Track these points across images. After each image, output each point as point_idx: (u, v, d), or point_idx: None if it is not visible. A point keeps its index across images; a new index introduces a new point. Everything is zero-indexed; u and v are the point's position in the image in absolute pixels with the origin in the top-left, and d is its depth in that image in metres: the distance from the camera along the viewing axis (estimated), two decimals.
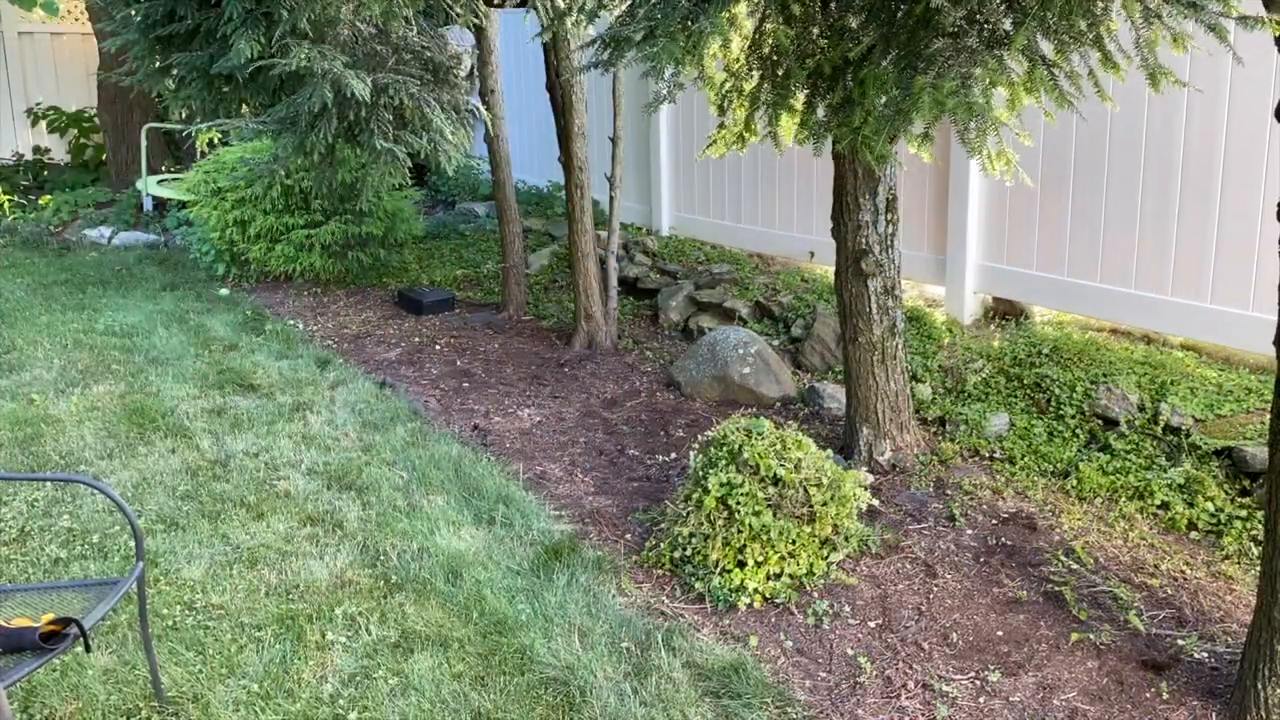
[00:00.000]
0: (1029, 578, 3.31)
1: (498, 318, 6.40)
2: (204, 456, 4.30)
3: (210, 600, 3.22)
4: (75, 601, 2.51)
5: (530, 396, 5.10)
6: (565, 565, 3.39)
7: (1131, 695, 2.73)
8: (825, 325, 5.21)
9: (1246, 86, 3.95)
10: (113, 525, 3.71)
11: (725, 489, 3.23)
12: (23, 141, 11.68)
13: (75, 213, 9.66)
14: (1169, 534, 3.54)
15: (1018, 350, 4.59)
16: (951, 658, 2.92)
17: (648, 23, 2.58)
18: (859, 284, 3.98)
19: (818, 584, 3.27)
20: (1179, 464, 3.75)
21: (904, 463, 4.09)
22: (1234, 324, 4.11)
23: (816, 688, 2.81)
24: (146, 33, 5.67)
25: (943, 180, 5.14)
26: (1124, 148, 4.40)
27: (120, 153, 9.99)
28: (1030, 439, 4.14)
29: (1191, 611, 3.09)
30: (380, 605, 3.17)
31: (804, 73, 2.86)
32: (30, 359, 5.58)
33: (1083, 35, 2.30)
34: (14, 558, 3.48)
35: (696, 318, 5.94)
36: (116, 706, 2.69)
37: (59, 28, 11.67)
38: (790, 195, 6.16)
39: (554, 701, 2.72)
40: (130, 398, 4.99)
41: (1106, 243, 4.53)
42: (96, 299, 6.88)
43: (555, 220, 8.02)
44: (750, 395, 4.94)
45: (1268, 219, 3.96)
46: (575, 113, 5.62)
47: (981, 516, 3.71)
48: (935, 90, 2.32)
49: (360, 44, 5.50)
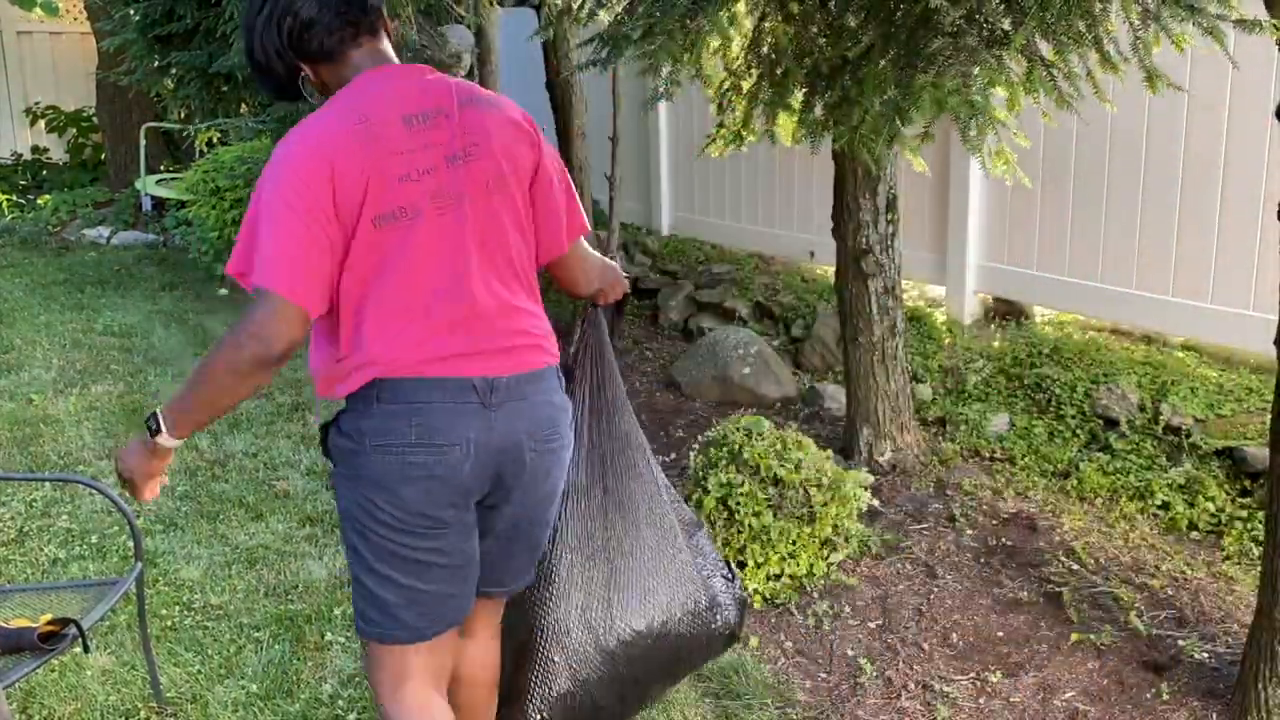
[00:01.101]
0: (1029, 578, 3.30)
1: None
2: (203, 456, 4.30)
3: (209, 600, 3.21)
4: (74, 602, 2.50)
5: None
6: None
7: (1132, 696, 2.73)
8: (825, 325, 5.21)
9: (1247, 86, 3.95)
10: (111, 526, 3.71)
11: (725, 489, 3.23)
12: (21, 141, 11.67)
13: (74, 212, 9.65)
14: (1169, 534, 3.54)
15: (1018, 350, 4.59)
16: (952, 658, 2.92)
17: (646, 20, 2.58)
18: (859, 284, 3.97)
19: (818, 584, 3.26)
20: (1179, 464, 3.74)
21: (904, 463, 4.08)
22: (1235, 324, 4.10)
23: (817, 688, 2.81)
24: (145, 32, 5.67)
25: (943, 180, 5.13)
26: (1125, 147, 4.39)
27: (119, 152, 9.98)
28: (1031, 439, 4.13)
29: (1192, 612, 3.09)
30: None
31: (802, 71, 2.85)
32: (29, 359, 5.58)
33: (1081, 36, 2.29)
34: (13, 558, 3.47)
35: (696, 318, 5.94)
36: (115, 707, 2.69)
37: (58, 27, 11.66)
38: (790, 195, 6.15)
39: None
40: (129, 398, 4.99)
41: (1107, 242, 4.52)
42: (95, 299, 6.88)
43: None
44: (750, 395, 4.93)
45: (1268, 219, 3.95)
46: (574, 112, 5.62)
47: (982, 517, 3.70)
48: (935, 89, 2.32)
49: None
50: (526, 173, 1.82)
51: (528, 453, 1.82)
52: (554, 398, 1.88)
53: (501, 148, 1.79)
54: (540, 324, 1.86)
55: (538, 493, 1.90)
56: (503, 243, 1.79)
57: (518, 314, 1.81)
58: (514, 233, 1.81)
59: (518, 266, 1.82)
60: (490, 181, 1.77)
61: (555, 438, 1.88)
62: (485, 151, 1.77)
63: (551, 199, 1.88)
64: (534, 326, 1.84)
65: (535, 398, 1.83)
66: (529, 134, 1.85)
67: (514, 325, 1.80)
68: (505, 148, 1.80)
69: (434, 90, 1.78)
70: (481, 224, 1.76)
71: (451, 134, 1.75)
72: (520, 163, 1.81)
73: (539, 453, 1.85)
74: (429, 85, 1.79)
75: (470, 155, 1.76)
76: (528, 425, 1.81)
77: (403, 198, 1.70)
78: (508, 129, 1.81)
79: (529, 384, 1.82)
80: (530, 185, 1.84)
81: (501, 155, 1.79)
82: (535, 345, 1.84)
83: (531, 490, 1.88)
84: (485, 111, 1.80)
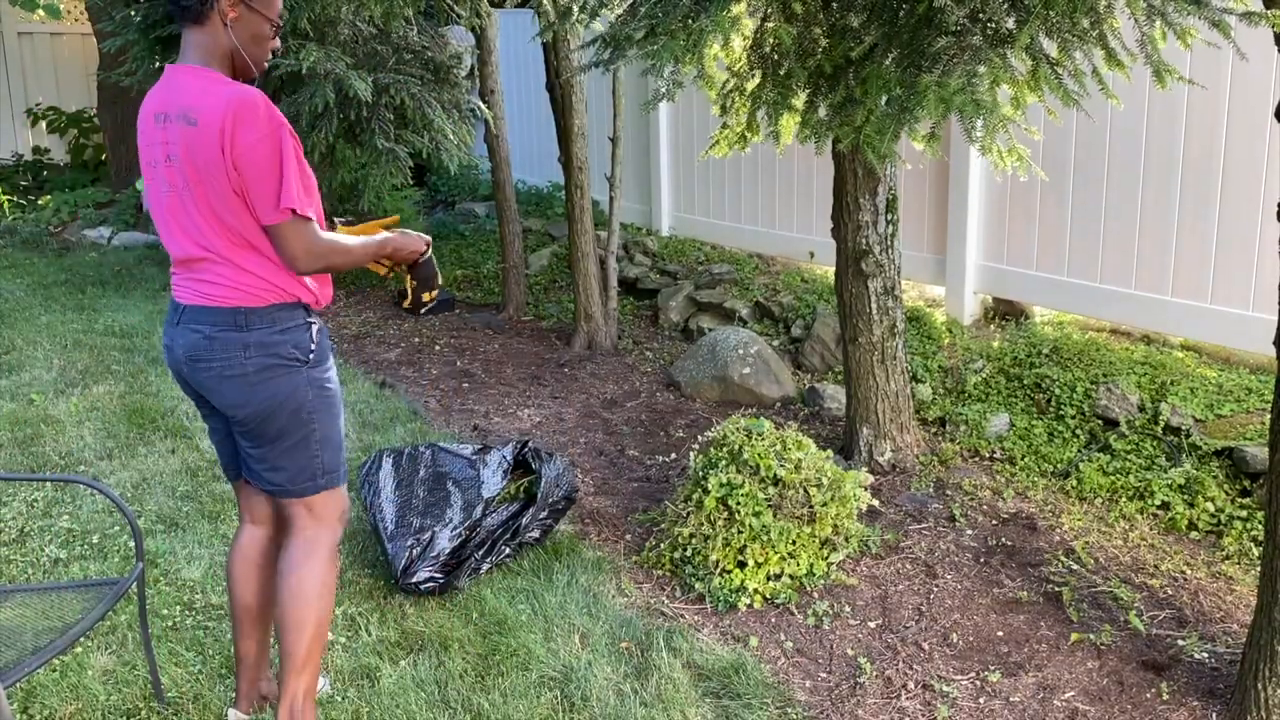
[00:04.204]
0: (1029, 578, 3.31)
1: (497, 318, 6.39)
2: (204, 456, 4.30)
3: (210, 601, 3.22)
4: (75, 602, 2.50)
5: (530, 397, 5.10)
6: (565, 566, 3.39)
7: (1132, 696, 2.73)
8: (825, 325, 5.21)
9: (1246, 86, 3.95)
10: (112, 526, 3.71)
11: (725, 489, 3.23)
12: (22, 142, 11.68)
13: (75, 213, 9.66)
14: (1169, 534, 3.54)
15: (1018, 350, 4.59)
16: (952, 658, 2.92)
17: (649, 21, 2.58)
18: (859, 284, 3.98)
19: (818, 584, 3.26)
20: (1179, 464, 3.75)
21: (904, 463, 4.09)
22: (1234, 324, 4.10)
23: (817, 688, 2.81)
24: (146, 33, 5.66)
25: (943, 180, 5.14)
26: (1124, 148, 4.40)
27: (120, 153, 9.98)
28: (1030, 439, 4.14)
29: (1192, 612, 3.09)
30: (380, 605, 3.17)
31: (805, 72, 2.86)
32: (30, 359, 5.58)
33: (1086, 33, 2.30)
34: (14, 558, 3.48)
35: (696, 318, 5.94)
36: (116, 707, 2.69)
37: (59, 28, 11.67)
38: (790, 195, 6.16)
39: (554, 702, 2.72)
40: (130, 398, 4.99)
41: (1107, 243, 4.53)
42: (96, 299, 6.88)
43: (555, 220, 8.01)
44: (750, 395, 4.94)
45: (1268, 219, 3.96)
46: (575, 113, 5.62)
47: (982, 517, 3.71)
48: (941, 88, 2.32)
49: (361, 44, 5.50)
50: (219, 170, 2.22)
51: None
52: (203, 329, 2.33)
53: (189, 156, 2.23)
54: (220, 272, 2.30)
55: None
56: (204, 216, 2.28)
57: (201, 264, 2.32)
58: (210, 213, 2.27)
59: (214, 234, 2.28)
60: (187, 180, 2.25)
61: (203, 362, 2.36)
62: (182, 159, 2.25)
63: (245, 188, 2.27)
64: (213, 275, 2.31)
65: (187, 325, 2.34)
66: (219, 141, 2.21)
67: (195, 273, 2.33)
68: (193, 157, 2.23)
69: (171, 97, 2.26)
70: (187, 203, 2.28)
71: (166, 139, 2.25)
72: (210, 167, 2.22)
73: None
74: (171, 91, 2.27)
75: (171, 160, 2.26)
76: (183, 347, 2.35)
77: (153, 178, 2.31)
78: (198, 143, 2.23)
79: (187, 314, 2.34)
80: (227, 176, 2.22)
81: (188, 163, 2.23)
82: (203, 285, 2.33)
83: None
84: (184, 129, 2.24)
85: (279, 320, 2.32)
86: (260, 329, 2.30)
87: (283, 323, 2.32)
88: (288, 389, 2.34)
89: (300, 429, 2.37)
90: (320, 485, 2.43)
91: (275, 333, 2.31)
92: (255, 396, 2.32)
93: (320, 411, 2.39)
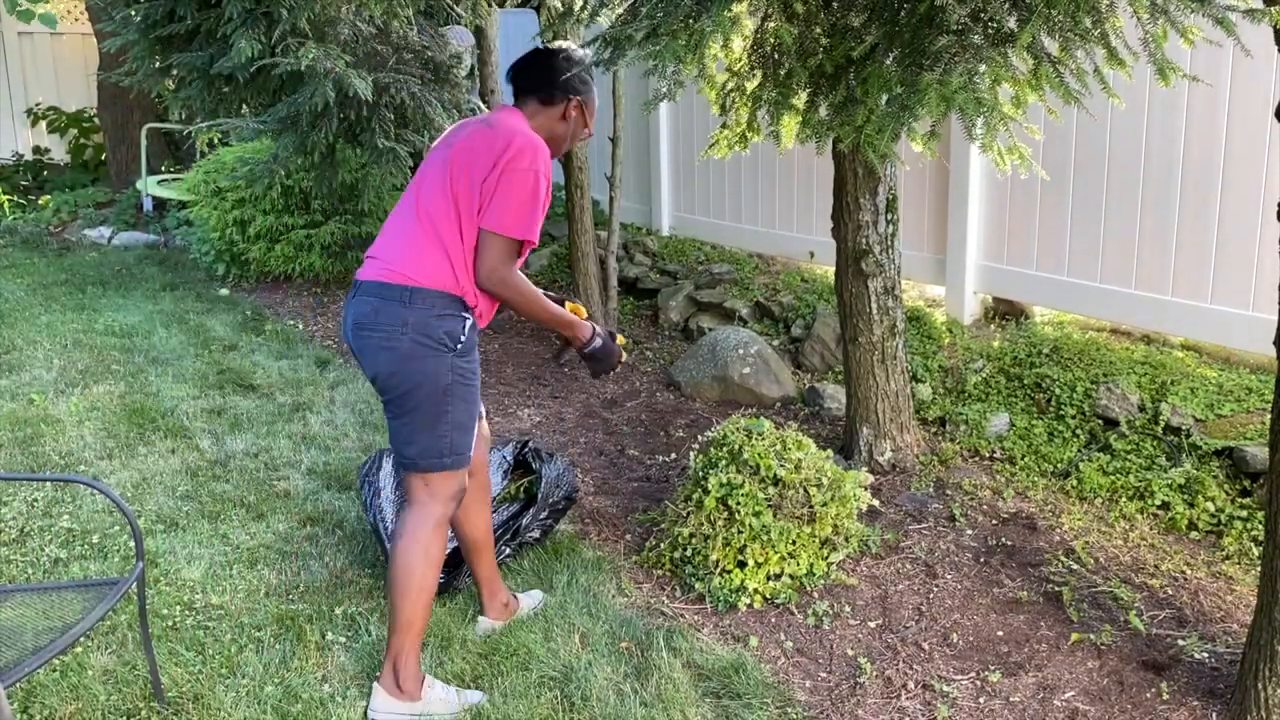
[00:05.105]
0: (1029, 578, 3.31)
1: (497, 318, 6.40)
2: (204, 457, 4.30)
3: (210, 600, 3.22)
4: (75, 602, 2.50)
5: (530, 397, 5.10)
6: (565, 565, 3.39)
7: (1132, 696, 2.73)
8: (825, 325, 5.21)
9: (1246, 86, 3.95)
10: (113, 525, 3.71)
11: (725, 489, 3.23)
12: (22, 141, 11.68)
13: (75, 213, 9.66)
14: (1169, 534, 3.54)
15: (1018, 350, 4.59)
16: (952, 658, 2.92)
17: (650, 21, 2.58)
18: (859, 284, 3.97)
19: (818, 584, 3.26)
20: (1179, 464, 3.75)
21: (904, 463, 4.09)
22: (1234, 324, 4.10)
23: (817, 688, 2.81)
24: (146, 33, 5.66)
25: (943, 180, 5.14)
26: (1124, 148, 4.40)
27: (120, 153, 9.99)
28: (1030, 439, 4.14)
29: (1192, 612, 3.09)
30: (380, 605, 3.17)
31: (806, 72, 2.85)
32: (30, 359, 5.58)
33: (1088, 32, 2.29)
34: (14, 558, 3.47)
35: (696, 318, 5.94)
36: (116, 707, 2.69)
37: (59, 29, 11.66)
38: (790, 195, 6.16)
39: (554, 701, 2.72)
40: (130, 398, 4.99)
41: (1107, 243, 4.53)
42: (96, 299, 6.88)
43: (555, 220, 8.00)
44: (750, 395, 4.93)
45: (1268, 219, 3.96)
46: None
47: (982, 517, 3.71)
48: (942, 86, 2.32)
49: (361, 43, 5.49)
50: (485, 167, 2.57)
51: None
52: (371, 300, 2.59)
53: (468, 145, 2.63)
54: (421, 244, 2.59)
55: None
56: (444, 195, 2.62)
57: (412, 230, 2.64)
58: (450, 194, 2.60)
59: (440, 209, 2.61)
60: (452, 160, 2.62)
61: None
62: (458, 146, 2.65)
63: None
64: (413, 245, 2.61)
65: (361, 297, 2.62)
66: (503, 147, 2.58)
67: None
68: (472, 144, 2.62)
69: (491, 115, 2.73)
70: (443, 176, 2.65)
71: (465, 132, 2.68)
72: (480, 159, 2.59)
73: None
74: (494, 112, 2.74)
75: (450, 145, 2.66)
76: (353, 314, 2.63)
77: (428, 160, 2.72)
78: (485, 139, 2.62)
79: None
80: (487, 173, 2.57)
81: (464, 149, 2.62)
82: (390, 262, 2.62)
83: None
84: (480, 127, 2.63)
85: (438, 306, 2.55)
86: (421, 308, 2.54)
87: (441, 309, 2.55)
88: (432, 369, 2.56)
89: (435, 408, 2.59)
90: (445, 464, 2.63)
91: (433, 316, 2.55)
92: (403, 369, 2.55)
93: (457, 397, 2.61)
